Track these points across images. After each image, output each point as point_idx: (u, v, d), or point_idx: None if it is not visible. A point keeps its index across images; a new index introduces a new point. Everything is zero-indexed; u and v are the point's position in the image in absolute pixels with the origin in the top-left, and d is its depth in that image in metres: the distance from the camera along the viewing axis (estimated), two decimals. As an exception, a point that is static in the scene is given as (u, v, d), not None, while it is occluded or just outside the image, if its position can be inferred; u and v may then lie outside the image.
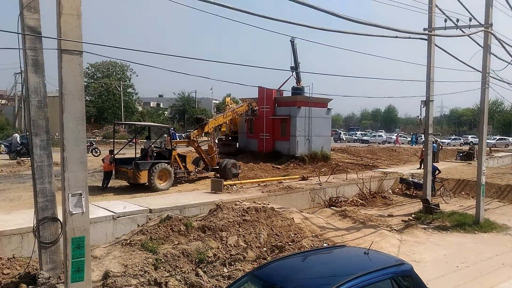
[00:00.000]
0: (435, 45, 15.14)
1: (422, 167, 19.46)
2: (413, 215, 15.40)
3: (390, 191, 21.26)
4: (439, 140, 42.77)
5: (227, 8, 6.39)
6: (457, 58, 14.29)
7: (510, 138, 57.44)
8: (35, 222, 7.25)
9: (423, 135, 62.66)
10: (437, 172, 19.73)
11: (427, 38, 14.83)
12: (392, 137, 60.41)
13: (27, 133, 8.10)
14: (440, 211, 15.00)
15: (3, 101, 63.81)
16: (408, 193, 20.72)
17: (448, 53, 14.72)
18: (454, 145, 49.38)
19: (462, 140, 58.52)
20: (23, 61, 7.07)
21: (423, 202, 15.61)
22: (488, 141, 42.00)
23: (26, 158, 24.88)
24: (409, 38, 12.25)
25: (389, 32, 9.60)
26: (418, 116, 17.31)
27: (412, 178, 21.69)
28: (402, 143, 53.57)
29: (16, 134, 30.65)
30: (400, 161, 31.90)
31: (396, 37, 10.79)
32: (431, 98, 15.48)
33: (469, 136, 59.69)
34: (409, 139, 56.85)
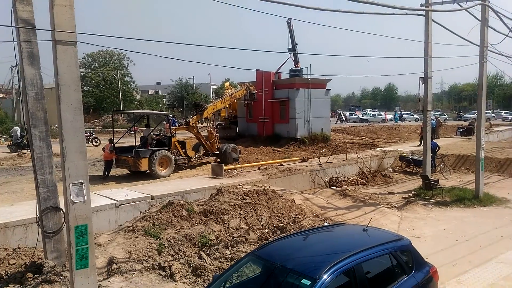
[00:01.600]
0: (433, 20, 15.00)
1: (422, 144, 19.54)
2: (413, 192, 15.54)
3: (390, 169, 21.36)
4: (439, 116, 42.16)
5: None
6: (454, 33, 14.18)
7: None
8: (38, 213, 7.36)
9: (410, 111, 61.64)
10: (437, 148, 19.79)
11: (424, 14, 14.70)
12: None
13: (26, 125, 8.18)
14: (439, 187, 15.12)
15: (1, 95, 63.59)
16: (408, 170, 20.82)
17: (446, 28, 14.61)
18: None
19: (446, 116, 57.72)
20: (18, 53, 7.11)
21: (422, 178, 15.71)
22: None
23: (26, 151, 24.94)
24: (406, 14, 12.14)
25: (385, 9, 9.51)
26: (417, 94, 17.25)
27: (412, 155, 21.76)
28: (391, 120, 55.42)
29: (16, 127, 30.65)
30: (400, 139, 31.94)
31: (393, 14, 10.69)
32: (430, 75, 15.39)
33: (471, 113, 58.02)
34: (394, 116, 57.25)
